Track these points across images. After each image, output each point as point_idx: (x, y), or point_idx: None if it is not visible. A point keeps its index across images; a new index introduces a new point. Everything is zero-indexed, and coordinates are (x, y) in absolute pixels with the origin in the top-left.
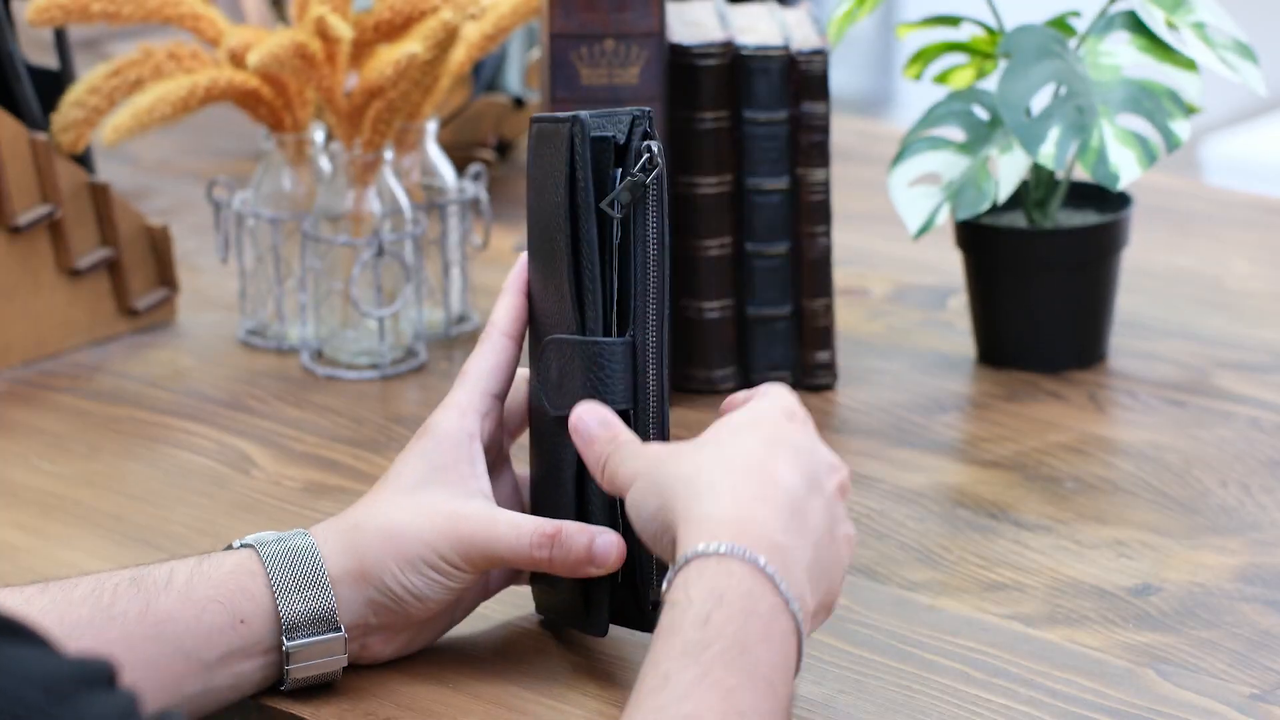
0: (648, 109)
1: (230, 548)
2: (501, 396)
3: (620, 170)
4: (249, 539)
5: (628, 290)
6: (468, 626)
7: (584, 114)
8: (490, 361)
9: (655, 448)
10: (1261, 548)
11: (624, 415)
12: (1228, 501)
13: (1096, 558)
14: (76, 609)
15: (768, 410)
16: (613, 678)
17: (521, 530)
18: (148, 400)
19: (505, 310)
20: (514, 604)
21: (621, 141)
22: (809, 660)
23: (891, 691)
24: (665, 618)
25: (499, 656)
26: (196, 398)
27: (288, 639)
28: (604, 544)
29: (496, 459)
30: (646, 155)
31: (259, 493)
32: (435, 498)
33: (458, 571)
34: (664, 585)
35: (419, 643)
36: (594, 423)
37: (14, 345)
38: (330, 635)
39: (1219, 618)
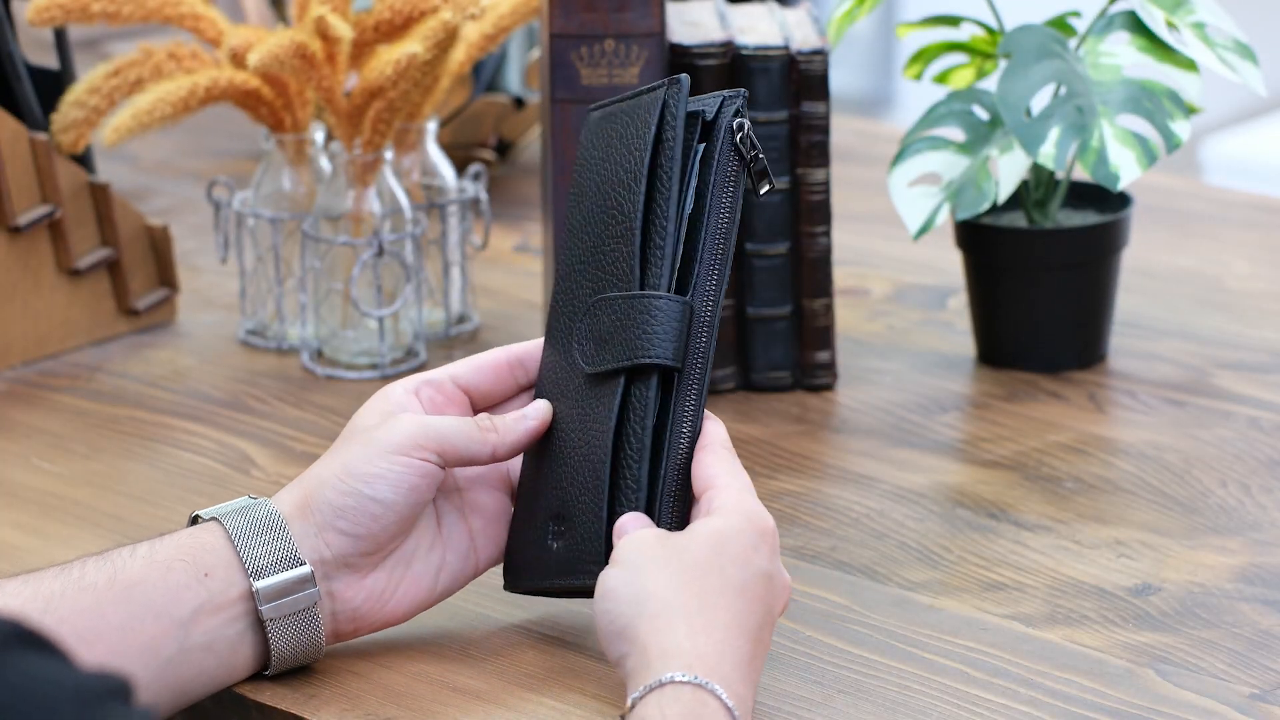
0: (742, 90)
1: (192, 517)
2: (467, 385)
3: (704, 145)
4: (207, 511)
5: (691, 258)
6: (467, 626)
7: (683, 77)
8: (470, 357)
9: (644, 540)
10: (1261, 548)
11: (670, 373)
12: (1228, 501)
13: (1096, 558)
14: (49, 584)
15: (746, 535)
16: (613, 678)
17: (463, 418)
18: (148, 400)
19: (526, 346)
20: (514, 603)
21: (710, 117)
22: (808, 660)
23: (891, 691)
24: (640, 713)
25: (499, 656)
26: (196, 398)
27: (255, 579)
28: (535, 406)
29: None
30: (742, 132)
31: (259, 493)
32: (369, 423)
33: (401, 457)
34: (631, 701)
35: (393, 604)
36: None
37: (14, 345)
38: (296, 571)
39: (1219, 618)
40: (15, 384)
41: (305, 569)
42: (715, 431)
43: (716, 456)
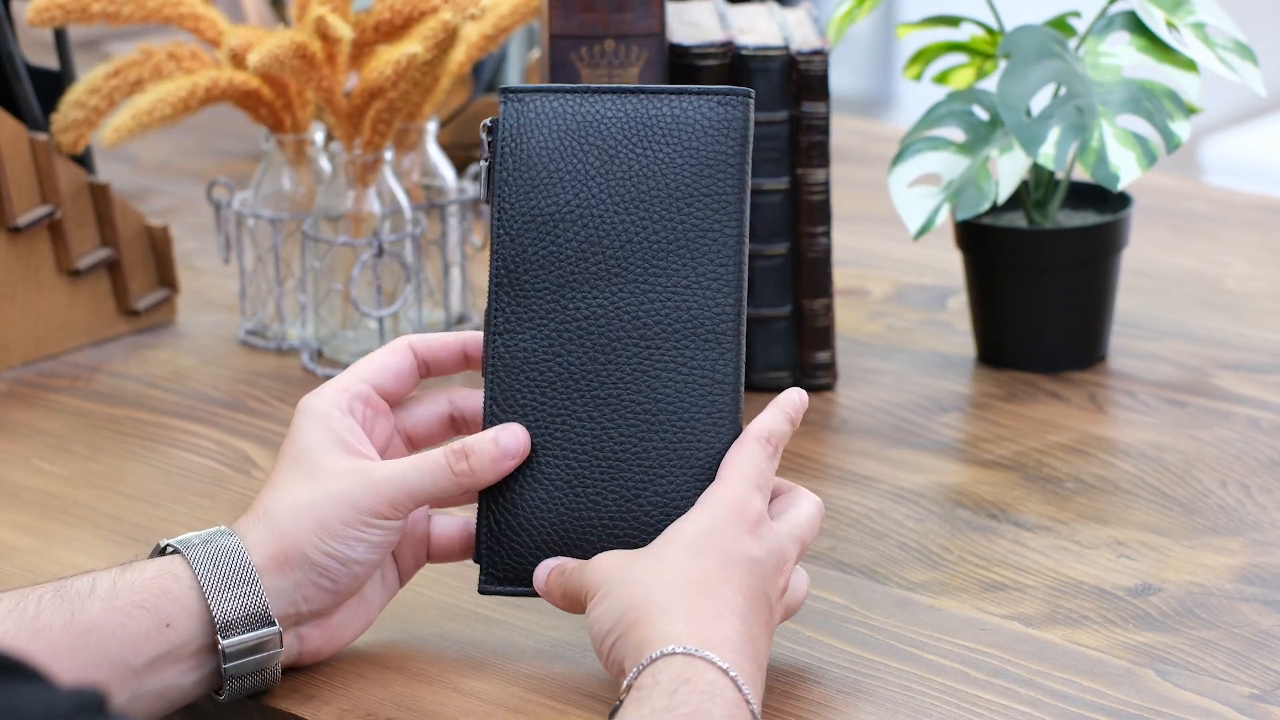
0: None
1: (158, 547)
2: (385, 393)
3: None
4: (174, 540)
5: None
6: (467, 626)
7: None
8: (379, 359)
9: (612, 563)
10: (1261, 548)
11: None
12: (1228, 501)
13: (1096, 558)
14: (1, 623)
15: (723, 518)
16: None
17: (433, 456)
18: (148, 401)
19: (433, 337)
20: (514, 604)
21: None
22: (808, 660)
23: (891, 691)
24: (632, 698)
25: (499, 657)
26: (196, 398)
27: (223, 637)
28: (509, 436)
29: (388, 452)
30: None
31: (259, 493)
32: (334, 462)
33: (381, 520)
34: (625, 685)
35: (347, 637)
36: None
37: (14, 345)
38: (265, 630)
39: (1219, 618)
40: (15, 384)
41: (274, 629)
42: (757, 423)
43: (739, 447)
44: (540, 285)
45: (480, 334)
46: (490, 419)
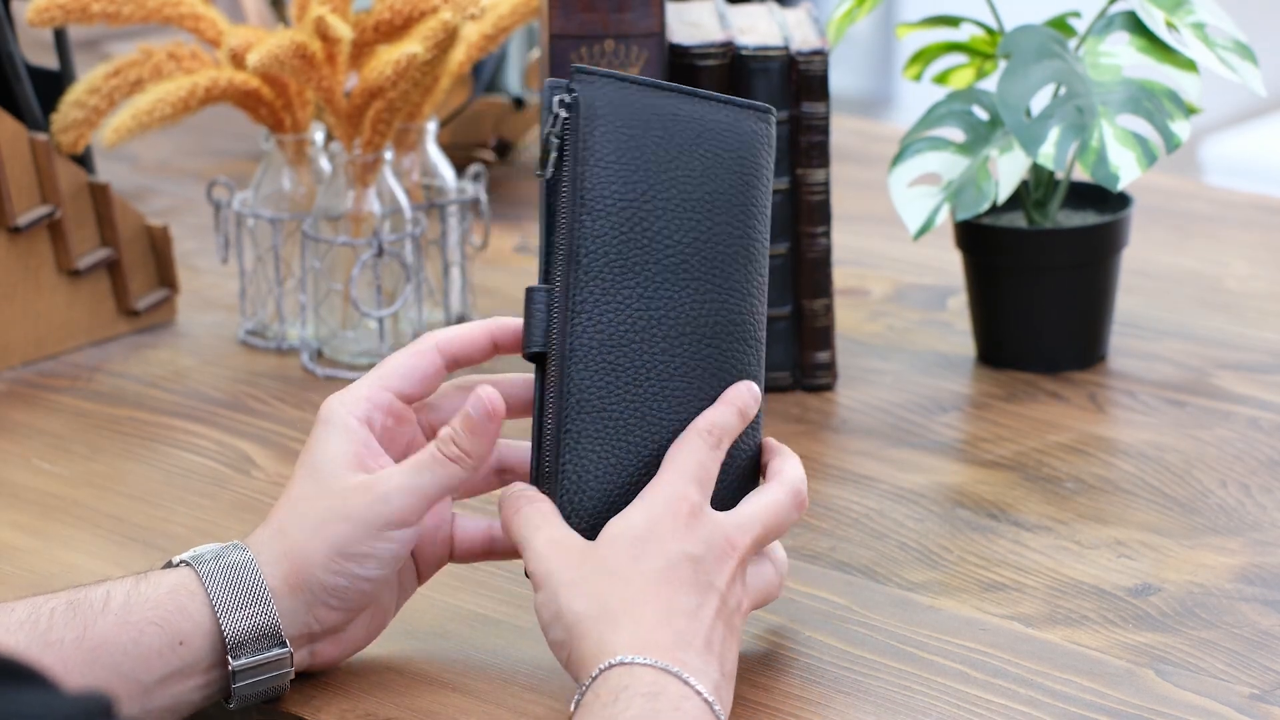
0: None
1: (170, 564)
2: (408, 397)
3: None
4: (187, 555)
5: None
6: (468, 627)
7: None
8: (405, 363)
9: (558, 562)
10: (1261, 548)
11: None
12: (1228, 501)
13: (1096, 558)
14: (13, 635)
15: (659, 515)
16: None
17: (423, 453)
18: (148, 401)
19: (459, 333)
20: (515, 604)
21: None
22: (808, 660)
23: (891, 691)
24: (578, 716)
25: (499, 657)
26: (196, 398)
27: (233, 658)
28: (474, 401)
29: (405, 457)
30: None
31: (259, 493)
32: (344, 479)
33: (393, 531)
34: (573, 705)
35: (361, 642)
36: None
37: (14, 345)
38: (276, 651)
39: (1219, 618)
40: (15, 384)
41: (285, 650)
42: (703, 416)
43: (680, 440)
44: (622, 269)
45: (507, 320)
46: (573, 411)
